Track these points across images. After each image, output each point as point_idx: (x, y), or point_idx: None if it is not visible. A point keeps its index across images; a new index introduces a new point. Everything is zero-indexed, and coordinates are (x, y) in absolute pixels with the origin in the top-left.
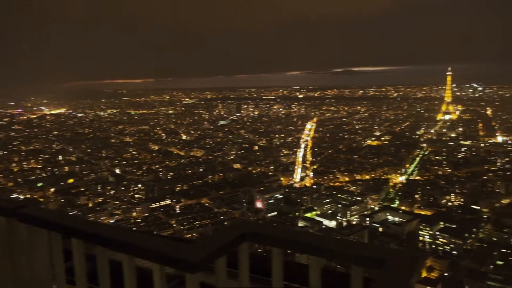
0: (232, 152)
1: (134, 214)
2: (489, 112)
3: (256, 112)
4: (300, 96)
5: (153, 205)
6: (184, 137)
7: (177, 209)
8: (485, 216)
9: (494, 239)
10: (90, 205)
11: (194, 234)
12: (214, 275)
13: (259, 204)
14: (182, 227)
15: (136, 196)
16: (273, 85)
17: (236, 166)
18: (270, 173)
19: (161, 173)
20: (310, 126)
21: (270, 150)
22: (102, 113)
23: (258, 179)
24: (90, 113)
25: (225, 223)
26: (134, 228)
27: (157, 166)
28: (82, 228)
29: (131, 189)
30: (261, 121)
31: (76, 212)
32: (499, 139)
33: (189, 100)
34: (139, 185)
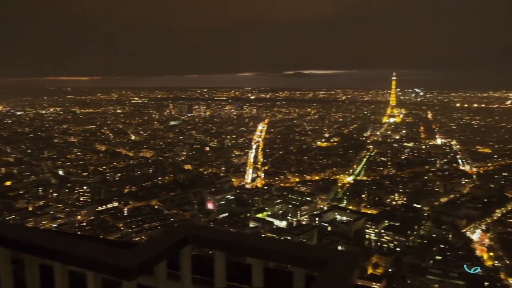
0: (183, 153)
1: (78, 217)
2: (429, 115)
3: (208, 113)
4: (252, 97)
5: (100, 208)
6: (133, 137)
7: (125, 211)
8: (425, 214)
9: (434, 235)
10: (30, 208)
11: (143, 237)
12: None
13: (210, 206)
14: (130, 230)
15: (81, 198)
16: (225, 86)
17: (187, 167)
18: (221, 174)
19: (108, 174)
20: (261, 127)
21: (222, 151)
22: (44, 112)
23: (209, 180)
24: (31, 111)
25: (175, 225)
26: (79, 232)
27: (104, 167)
28: (4, 234)
29: (76, 191)
30: (213, 122)
31: (13, 216)
32: (439, 141)
33: (139, 100)
34: (85, 187)
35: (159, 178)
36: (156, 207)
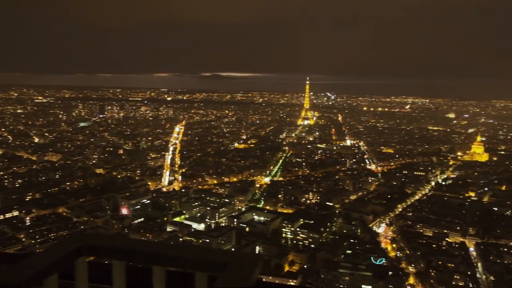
0: (95, 156)
1: None
2: (340, 118)
3: (122, 114)
4: (169, 98)
5: None
6: (36, 139)
7: (28, 221)
8: (337, 212)
9: (344, 231)
10: None
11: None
12: None
13: (124, 211)
14: (33, 241)
15: None
16: (140, 86)
17: (99, 171)
18: (136, 178)
19: (6, 181)
20: (178, 129)
21: (137, 153)
22: None
23: (123, 184)
24: None
25: (67, 235)
26: None
27: (1, 173)
28: None
29: None
30: (127, 124)
31: None
32: (348, 142)
33: (43, 99)
34: None
35: (67, 183)
36: (64, 214)
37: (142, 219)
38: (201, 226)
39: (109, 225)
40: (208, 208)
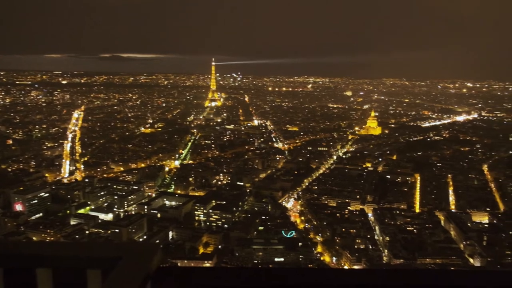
0: None
1: None
2: (247, 99)
3: (8, 100)
4: (64, 82)
5: None
6: None
7: None
8: (248, 191)
9: (256, 209)
10: None
11: None
12: None
13: (18, 207)
14: None
15: None
16: (29, 68)
17: None
18: (31, 170)
19: None
20: (77, 115)
21: (30, 143)
22: None
23: (16, 178)
24: None
25: None
26: None
27: None
28: None
29: None
30: (16, 110)
31: None
32: (255, 122)
33: None
34: None
35: None
36: None
37: (41, 214)
38: (109, 216)
39: (0, 224)
40: (116, 197)
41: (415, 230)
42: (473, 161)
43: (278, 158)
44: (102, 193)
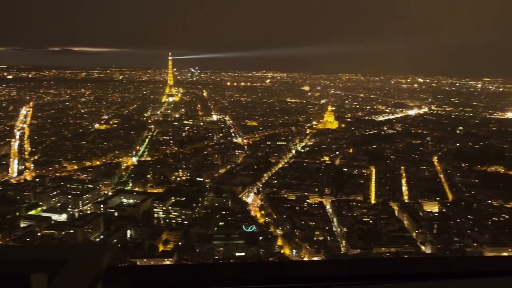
0: None
1: None
2: (205, 94)
3: None
4: (9, 76)
5: None
6: None
7: None
8: (208, 186)
9: (216, 204)
10: None
11: None
12: None
13: None
14: None
15: None
16: None
17: None
18: None
19: None
20: (25, 111)
21: None
22: None
23: None
24: None
25: None
26: None
27: None
28: None
29: None
30: None
31: None
32: (214, 117)
33: None
34: None
35: None
36: None
37: None
38: (62, 217)
39: None
40: (70, 197)
41: (371, 221)
42: (424, 153)
43: (237, 153)
44: (55, 192)
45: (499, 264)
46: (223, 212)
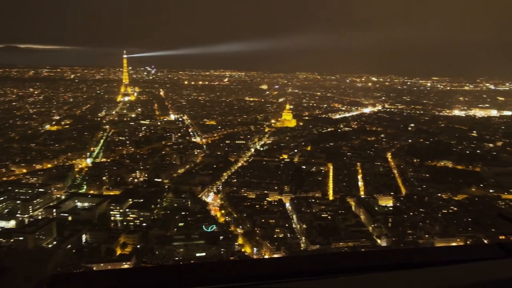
0: None
1: None
2: (162, 93)
3: None
4: None
5: None
6: None
7: None
8: (166, 187)
9: (175, 205)
10: None
11: None
12: None
13: None
14: None
15: None
16: None
17: None
18: None
19: None
20: None
21: None
22: None
23: None
24: None
25: None
26: None
27: None
28: None
29: None
30: None
31: None
32: (172, 117)
33: None
34: None
35: None
36: None
37: None
38: (11, 223)
39: None
40: (18, 202)
41: (329, 217)
42: (378, 150)
43: (196, 153)
44: (2, 198)
45: (449, 254)
46: (183, 213)
